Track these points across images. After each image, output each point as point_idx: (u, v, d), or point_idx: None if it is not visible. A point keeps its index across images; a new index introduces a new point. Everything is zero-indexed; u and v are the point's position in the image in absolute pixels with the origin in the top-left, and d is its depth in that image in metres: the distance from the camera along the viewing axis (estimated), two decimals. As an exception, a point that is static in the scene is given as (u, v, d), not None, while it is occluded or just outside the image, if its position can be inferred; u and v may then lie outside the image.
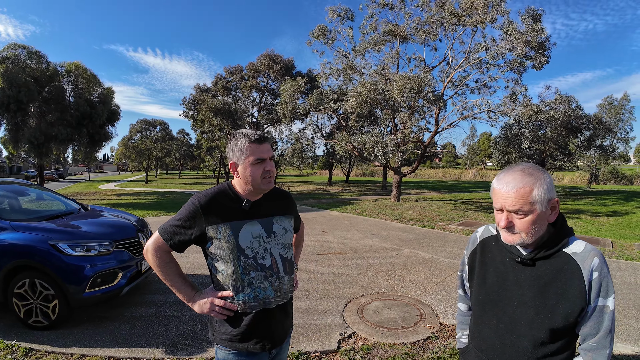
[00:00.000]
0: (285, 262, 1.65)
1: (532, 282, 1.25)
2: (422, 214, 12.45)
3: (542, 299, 1.22)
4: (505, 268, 1.33)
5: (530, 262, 1.26)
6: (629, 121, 20.81)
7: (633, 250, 7.35)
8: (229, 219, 1.53)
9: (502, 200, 1.22)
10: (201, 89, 30.56)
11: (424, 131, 17.86)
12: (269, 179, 1.56)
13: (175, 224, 1.54)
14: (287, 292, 1.66)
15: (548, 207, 1.20)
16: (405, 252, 7.16)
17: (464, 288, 1.63)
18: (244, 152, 1.51)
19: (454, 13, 13.49)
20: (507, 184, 1.21)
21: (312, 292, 4.90)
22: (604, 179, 34.66)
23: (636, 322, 4.02)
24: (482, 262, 1.43)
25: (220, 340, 1.59)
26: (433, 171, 55.91)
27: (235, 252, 1.51)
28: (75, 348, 3.37)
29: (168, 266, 1.58)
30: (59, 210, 4.96)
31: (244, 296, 1.54)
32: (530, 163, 1.26)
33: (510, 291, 1.30)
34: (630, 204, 16.13)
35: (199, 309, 1.56)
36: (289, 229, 1.69)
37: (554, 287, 1.21)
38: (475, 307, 1.47)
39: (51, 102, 16.93)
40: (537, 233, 1.22)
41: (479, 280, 1.42)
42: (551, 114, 13.30)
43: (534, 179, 1.19)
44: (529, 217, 1.19)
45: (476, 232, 1.55)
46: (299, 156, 19.68)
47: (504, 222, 1.23)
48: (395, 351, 3.39)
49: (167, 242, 1.55)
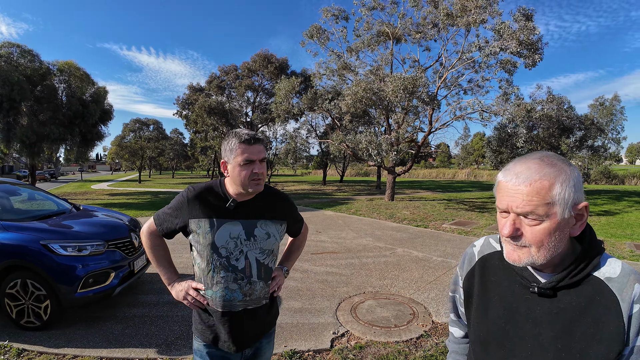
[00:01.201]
0: (261, 267, 1.61)
1: (551, 317, 0.93)
2: (415, 214, 12.51)
3: (567, 341, 0.90)
4: (515, 297, 1.00)
5: (550, 292, 0.93)
6: (620, 121, 21.09)
7: (624, 249, 7.45)
8: (211, 215, 1.53)
9: (508, 198, 0.89)
10: (195, 89, 30.48)
11: (418, 131, 17.95)
12: (257, 182, 1.53)
13: (166, 211, 1.62)
14: (260, 298, 1.62)
15: (573, 213, 0.87)
16: (398, 251, 7.20)
17: (458, 312, 1.30)
18: (233, 152, 1.51)
19: (448, 14, 13.57)
20: (517, 175, 0.88)
21: (305, 291, 4.92)
22: (595, 179, 35.04)
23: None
24: (483, 287, 1.09)
25: (195, 330, 1.64)
26: (427, 171, 56.14)
27: (209, 249, 1.52)
28: (68, 349, 3.35)
29: (157, 249, 1.67)
30: (51, 210, 4.93)
31: (211, 293, 1.55)
32: (553, 153, 0.93)
33: (522, 329, 0.97)
34: (621, 203, 16.32)
35: (175, 294, 1.62)
36: (273, 235, 1.64)
37: (582, 325, 0.89)
38: (475, 346, 1.13)
39: (43, 101, 16.79)
40: (554, 250, 0.89)
41: (479, 312, 1.09)
42: (544, 112, 13.42)
43: (557, 171, 0.86)
44: (545, 225, 0.86)
45: (473, 247, 1.20)
46: (293, 156, 19.67)
47: (509, 228, 0.90)
48: (388, 349, 3.41)
49: (158, 228, 1.63)
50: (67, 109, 17.17)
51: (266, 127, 30.72)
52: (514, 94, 14.24)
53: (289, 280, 5.33)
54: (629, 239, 8.56)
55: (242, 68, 27.56)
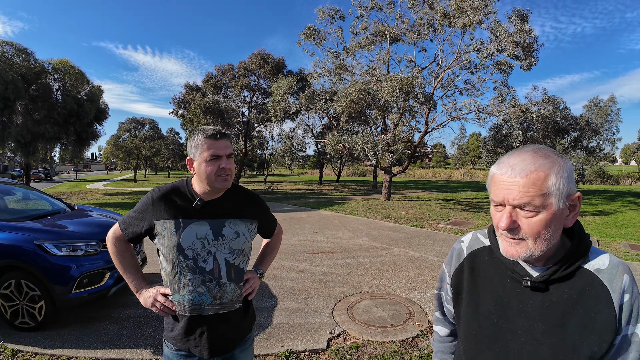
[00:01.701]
0: (231, 268, 1.54)
1: (544, 311, 0.93)
2: (412, 214, 12.54)
3: (561, 334, 0.91)
4: (506, 293, 0.99)
5: (543, 286, 0.94)
6: (615, 122, 21.24)
7: (619, 249, 7.51)
8: (176, 216, 1.48)
9: (504, 191, 0.89)
10: (191, 88, 30.35)
11: (414, 131, 17.99)
12: (224, 177, 1.49)
13: (131, 215, 1.57)
14: (232, 301, 1.56)
15: (567, 204, 0.89)
16: (395, 251, 7.21)
17: (443, 310, 1.28)
18: (199, 148, 1.46)
19: (445, 14, 13.60)
20: (512, 167, 0.88)
21: (302, 291, 4.91)
22: (590, 179, 35.27)
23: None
24: (472, 283, 1.08)
25: (165, 336, 1.59)
26: (423, 171, 56.30)
27: (175, 251, 1.46)
28: (63, 349, 3.33)
29: (123, 255, 1.60)
30: (45, 210, 4.90)
31: (179, 298, 1.50)
32: (545, 146, 0.93)
33: (514, 323, 0.97)
34: (616, 203, 16.44)
35: (144, 301, 1.56)
36: (243, 234, 1.58)
37: (575, 317, 0.90)
38: (465, 344, 1.10)
39: (38, 99, 16.68)
40: (550, 241, 0.89)
41: (470, 308, 1.07)
42: (540, 114, 13.49)
43: (551, 162, 0.87)
44: (541, 216, 0.87)
45: (460, 242, 1.18)
46: (290, 155, 19.66)
47: (506, 221, 0.89)
48: (384, 349, 3.41)
49: (123, 232, 1.58)
50: (62, 108, 17.07)
51: (263, 127, 30.67)
52: (509, 95, 14.31)
53: (285, 280, 5.33)
54: (624, 238, 8.62)
55: (239, 67, 27.48)
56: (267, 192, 22.29)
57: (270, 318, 4.06)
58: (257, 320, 3.97)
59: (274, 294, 4.80)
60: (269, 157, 35.86)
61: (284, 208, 14.20)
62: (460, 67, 15.55)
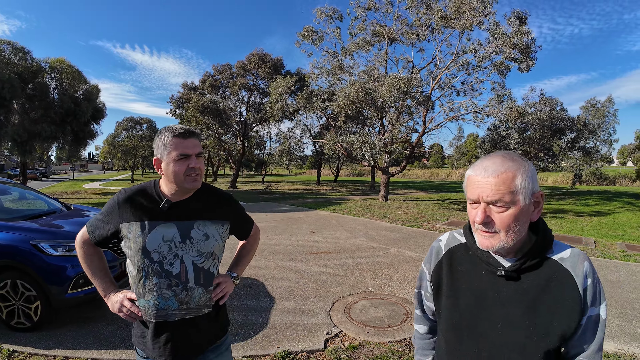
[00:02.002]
0: (200, 272, 1.49)
1: (518, 298, 1.04)
2: (409, 214, 12.55)
3: (533, 318, 1.02)
4: (483, 284, 1.10)
5: (515, 275, 1.05)
6: (612, 123, 21.31)
7: (615, 249, 7.53)
8: (142, 218, 1.44)
9: (479, 190, 1.02)
10: (189, 87, 30.30)
11: (412, 132, 18.01)
12: (194, 177, 1.44)
13: (98, 217, 1.53)
14: (199, 306, 1.50)
15: (532, 200, 1.02)
16: (392, 251, 7.21)
17: (423, 308, 1.37)
18: (167, 147, 1.42)
19: (443, 16, 13.63)
20: (485, 169, 1.02)
21: (299, 291, 4.91)
22: (587, 180, 35.39)
23: (619, 320, 4.13)
24: (451, 278, 1.18)
25: (135, 342, 1.55)
26: (421, 171, 56.33)
27: (140, 255, 1.41)
28: (58, 350, 3.31)
29: (90, 259, 1.57)
30: (42, 209, 4.87)
31: (144, 302, 1.45)
32: (511, 151, 1.07)
33: (491, 312, 1.07)
34: (612, 204, 16.50)
35: (111, 306, 1.52)
36: (212, 236, 1.53)
37: (545, 301, 1.02)
38: (447, 334, 1.19)
39: (35, 98, 16.64)
40: (519, 233, 1.01)
41: (450, 301, 1.16)
42: (537, 115, 13.54)
43: (517, 164, 1.01)
44: (511, 211, 0.99)
45: (438, 241, 1.28)
46: (288, 155, 19.66)
47: (481, 215, 1.01)
48: (381, 350, 3.41)
49: (90, 236, 1.55)
50: (59, 107, 17.03)
51: (260, 127, 30.65)
52: (506, 96, 14.35)
53: (282, 280, 5.32)
54: (621, 239, 8.65)
55: (237, 67, 27.45)
56: (264, 192, 22.27)
57: (267, 318, 4.05)
58: (255, 320, 3.97)
59: (271, 294, 4.80)
60: (266, 157, 35.82)
61: (282, 208, 14.19)
62: (458, 68, 15.58)
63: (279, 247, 7.41)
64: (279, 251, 7.05)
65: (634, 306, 4.52)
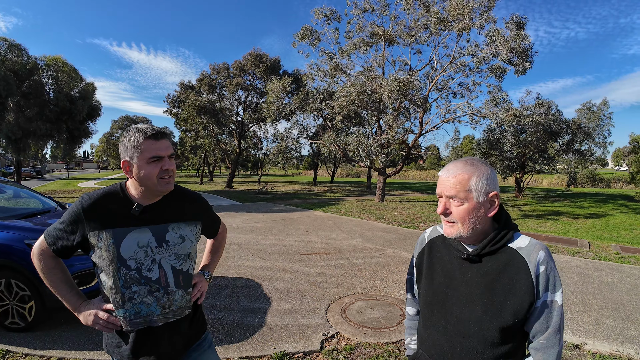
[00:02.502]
0: (179, 275, 1.47)
1: (479, 279, 1.22)
2: (405, 215, 12.57)
3: (490, 296, 1.18)
4: (453, 267, 1.29)
5: (477, 259, 1.23)
6: (607, 126, 21.47)
7: (610, 251, 7.58)
8: (112, 225, 1.37)
9: (441, 186, 1.23)
10: (186, 86, 30.19)
11: (409, 133, 18.06)
12: (167, 180, 1.41)
13: (58, 227, 1.42)
14: (181, 308, 1.49)
15: (487, 199, 1.18)
16: (388, 252, 7.22)
17: (413, 292, 1.58)
18: (137, 150, 1.36)
19: (440, 18, 13.68)
20: (448, 170, 1.23)
21: (295, 292, 4.90)
22: (581, 182, 35.63)
23: (613, 321, 4.15)
24: (430, 262, 1.39)
25: (111, 353, 1.49)
26: (417, 172, 56.49)
27: (115, 263, 1.35)
28: (53, 350, 3.29)
29: (52, 272, 1.45)
30: (36, 208, 4.84)
31: (124, 312, 1.39)
32: (477, 158, 1.27)
33: (458, 290, 1.25)
34: (607, 206, 16.61)
35: (84, 319, 1.43)
36: (188, 238, 1.52)
37: (501, 282, 1.18)
38: (423, 310, 1.41)
39: (30, 96, 16.52)
40: (474, 225, 1.20)
41: (427, 281, 1.37)
42: (533, 118, 13.62)
43: (474, 168, 1.19)
44: (465, 206, 1.18)
45: (424, 233, 1.51)
46: (284, 156, 19.64)
47: (441, 208, 1.24)
48: (378, 351, 3.41)
49: (51, 247, 1.43)
50: (54, 105, 16.93)
51: (257, 127, 30.59)
52: (502, 98, 14.42)
53: (279, 280, 5.31)
54: (615, 241, 8.71)
55: (234, 67, 27.37)
56: (261, 192, 22.23)
57: (263, 319, 4.04)
58: (251, 321, 3.96)
59: (267, 294, 4.78)
60: (263, 157, 35.75)
61: (278, 208, 14.17)
62: (455, 70, 15.65)
63: (276, 247, 7.40)
64: (275, 252, 7.03)
65: (629, 308, 4.55)
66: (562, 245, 8.02)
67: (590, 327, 4.00)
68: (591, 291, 5.15)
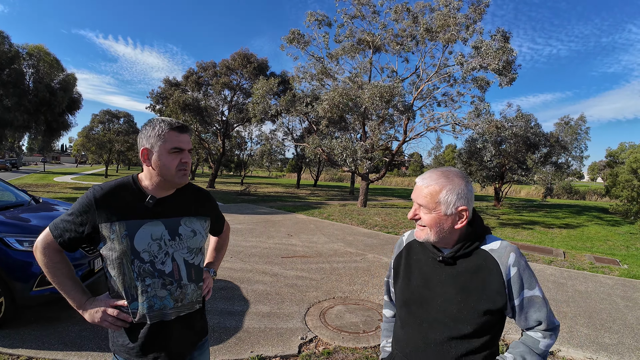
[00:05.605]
0: (191, 268, 1.48)
1: (453, 279, 1.27)
2: (387, 220, 12.66)
3: (464, 296, 1.24)
4: (429, 268, 1.34)
5: (451, 261, 1.28)
6: (583, 140, 22.11)
7: (584, 261, 7.80)
8: (126, 216, 1.35)
9: (415, 193, 1.29)
10: (171, 83, 29.72)
11: (393, 140, 18.24)
12: (184, 172, 1.42)
13: (66, 219, 1.37)
14: (192, 302, 1.49)
15: (455, 212, 1.23)
16: (369, 257, 7.25)
17: (390, 294, 1.63)
18: (160, 139, 1.36)
19: (428, 29, 13.90)
20: (423, 179, 1.28)
21: (274, 295, 4.86)
22: (558, 194, 36.60)
23: (587, 329, 4.26)
24: (407, 264, 1.43)
25: (118, 352, 1.45)
26: (400, 179, 56.98)
27: (128, 256, 1.34)
28: (22, 349, 3.17)
29: (57, 267, 1.40)
30: (9, 201, 4.67)
31: (137, 305, 1.37)
32: (457, 169, 1.30)
33: (434, 291, 1.30)
34: (581, 217, 17.10)
35: (90, 317, 1.38)
36: (199, 232, 1.52)
37: (474, 283, 1.24)
38: (400, 310, 1.45)
39: (9, 85, 15.94)
40: (441, 234, 1.25)
41: (404, 282, 1.42)
42: (513, 131, 13.95)
43: (447, 181, 1.23)
44: (433, 215, 1.24)
45: (402, 237, 1.56)
46: (269, 157, 19.56)
47: (411, 213, 1.31)
48: (355, 355, 3.41)
49: (57, 240, 1.38)
50: (34, 95, 16.38)
51: (242, 127, 30.37)
52: (484, 109, 14.73)
53: (258, 283, 5.27)
54: (589, 251, 8.97)
55: (221, 66, 27.14)
56: (243, 193, 22.04)
57: (241, 322, 3.99)
58: (228, 324, 3.91)
59: (245, 297, 4.73)
60: (247, 158, 35.49)
61: (260, 210, 14.08)
62: (440, 80, 15.91)
63: (256, 249, 7.33)
64: (255, 254, 6.97)
65: (602, 316, 4.68)
66: (537, 254, 8.21)
67: (565, 335, 4.09)
68: (565, 299, 5.28)
